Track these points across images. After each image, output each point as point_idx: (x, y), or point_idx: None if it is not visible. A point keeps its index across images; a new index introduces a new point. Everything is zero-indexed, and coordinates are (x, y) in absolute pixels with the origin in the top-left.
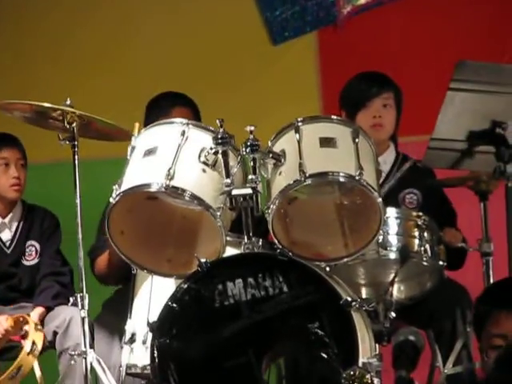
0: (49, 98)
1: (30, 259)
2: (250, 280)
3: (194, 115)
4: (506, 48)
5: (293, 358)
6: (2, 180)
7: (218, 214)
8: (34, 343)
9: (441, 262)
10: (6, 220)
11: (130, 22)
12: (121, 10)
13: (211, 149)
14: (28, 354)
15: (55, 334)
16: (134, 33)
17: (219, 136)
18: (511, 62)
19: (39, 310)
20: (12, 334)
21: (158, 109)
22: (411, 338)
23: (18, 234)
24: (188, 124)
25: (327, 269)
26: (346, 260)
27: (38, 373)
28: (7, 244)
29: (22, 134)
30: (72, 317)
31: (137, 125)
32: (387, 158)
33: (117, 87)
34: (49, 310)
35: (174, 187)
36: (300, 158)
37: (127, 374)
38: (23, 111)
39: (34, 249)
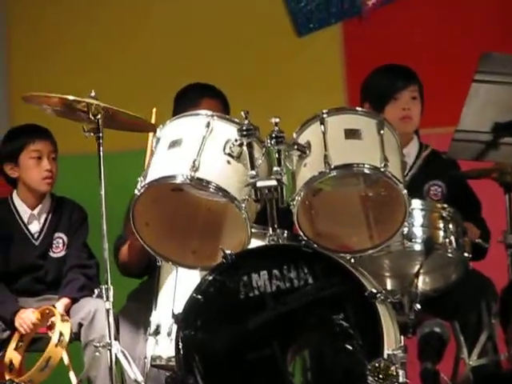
0: (73, 90)
1: (57, 251)
2: (275, 272)
3: (223, 107)
4: None
5: (317, 350)
6: (34, 172)
7: (243, 205)
8: (61, 334)
9: (466, 254)
10: (35, 212)
11: (152, 15)
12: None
13: (236, 140)
14: (56, 345)
15: (80, 325)
16: (158, 25)
17: (244, 128)
18: None
19: (65, 300)
20: (39, 326)
21: (187, 100)
22: (436, 329)
23: (46, 226)
24: (213, 116)
25: (352, 260)
26: (371, 252)
27: (66, 361)
28: (35, 236)
29: (47, 126)
30: (97, 309)
31: (154, 110)
32: (411, 150)
33: (141, 80)
34: (74, 301)
35: (198, 179)
36: (325, 150)
37: (152, 365)
38: (49, 104)
39: (61, 241)
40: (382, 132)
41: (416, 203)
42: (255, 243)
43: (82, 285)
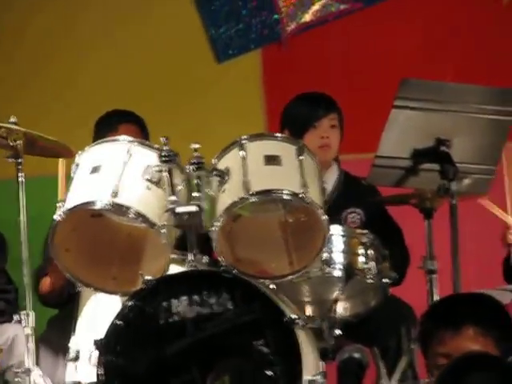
0: None
1: None
2: (195, 297)
3: (142, 132)
4: (448, 67)
5: (237, 376)
6: None
7: (163, 231)
8: None
9: (385, 280)
10: None
11: (75, 38)
12: (66, 27)
13: (156, 166)
14: None
15: None
16: (78, 51)
17: (164, 154)
18: (454, 80)
19: None
20: None
21: (105, 126)
22: (356, 355)
23: None
24: (133, 142)
25: (272, 286)
26: (290, 277)
27: None
28: None
29: None
30: (16, 334)
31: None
32: (330, 177)
33: (62, 107)
34: None
35: (118, 204)
36: (244, 176)
37: None
38: None
39: None
40: (301, 158)
41: (335, 229)
42: (175, 269)
43: (2, 310)
